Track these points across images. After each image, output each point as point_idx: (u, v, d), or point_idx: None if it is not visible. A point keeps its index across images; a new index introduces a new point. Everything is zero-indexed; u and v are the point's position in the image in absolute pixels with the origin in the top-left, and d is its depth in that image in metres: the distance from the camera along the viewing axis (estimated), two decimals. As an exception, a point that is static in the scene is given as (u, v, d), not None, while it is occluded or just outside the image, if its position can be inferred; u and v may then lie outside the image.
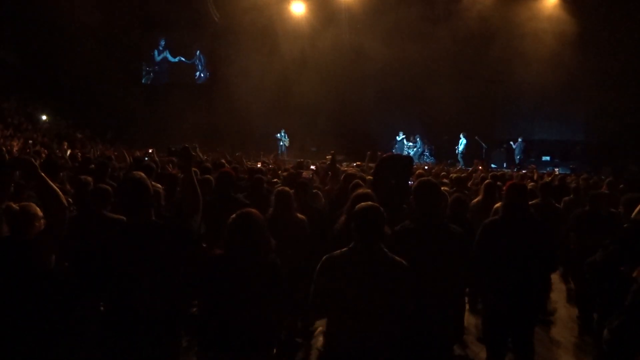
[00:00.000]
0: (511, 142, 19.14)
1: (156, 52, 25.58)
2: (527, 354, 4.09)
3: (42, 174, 2.93)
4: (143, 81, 25.61)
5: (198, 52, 25.15)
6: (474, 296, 6.02)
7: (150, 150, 12.62)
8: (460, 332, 5.29)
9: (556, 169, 14.59)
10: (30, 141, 16.53)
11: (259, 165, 10.26)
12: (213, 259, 3.07)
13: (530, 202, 4.68)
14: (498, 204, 5.36)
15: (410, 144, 20.35)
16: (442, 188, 5.72)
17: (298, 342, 4.94)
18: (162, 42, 25.37)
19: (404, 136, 20.45)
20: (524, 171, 12.82)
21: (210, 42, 23.54)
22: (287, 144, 21.01)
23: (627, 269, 2.69)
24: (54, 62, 21.68)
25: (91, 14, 18.92)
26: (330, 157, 8.07)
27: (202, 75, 25.38)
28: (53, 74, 22.13)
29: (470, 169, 12.74)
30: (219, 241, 3.15)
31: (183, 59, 25.34)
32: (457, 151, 19.45)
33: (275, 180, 7.68)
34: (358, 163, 12.76)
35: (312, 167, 9.83)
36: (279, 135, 20.96)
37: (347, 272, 2.87)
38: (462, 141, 19.33)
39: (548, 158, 19.38)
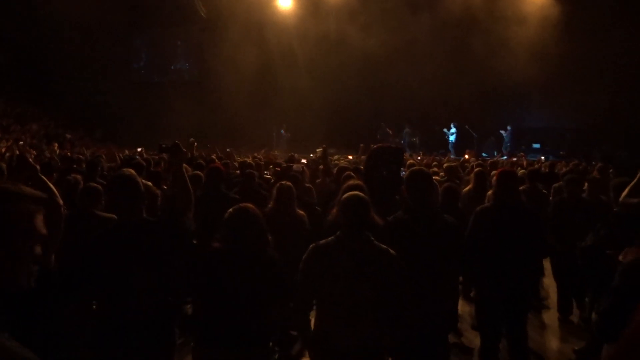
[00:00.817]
0: (501, 131, 19.21)
1: (143, 49, 25.40)
2: (521, 340, 4.12)
3: (41, 175, 2.98)
4: (132, 79, 25.43)
5: (185, 48, 25.01)
6: (467, 284, 6.05)
7: (139, 149, 12.56)
8: (454, 321, 5.32)
9: (542, 157, 14.67)
10: (21, 142, 16.39)
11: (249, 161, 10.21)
12: (210, 252, 3.06)
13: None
14: (490, 192, 5.38)
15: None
16: (434, 178, 5.74)
17: (293, 335, 4.94)
18: (149, 38, 25.18)
19: (387, 128, 20.34)
20: (514, 159, 12.90)
21: (197, 38, 23.42)
22: (289, 136, 21.09)
23: (613, 252, 2.72)
24: (42, 61, 21.50)
25: (78, 12, 18.74)
26: (321, 150, 8.06)
27: (189, 71, 25.24)
28: (41, 74, 21.95)
29: (462, 158, 12.80)
30: (210, 237, 3.14)
31: (171, 55, 25.18)
32: (446, 136, 19.50)
33: (268, 176, 7.66)
34: (350, 157, 12.76)
35: (303, 160, 9.82)
36: (282, 131, 21.01)
37: (333, 260, 2.88)
38: (453, 131, 19.38)
39: (538, 145, 19.47)
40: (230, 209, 3.03)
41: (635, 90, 16.47)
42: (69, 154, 11.55)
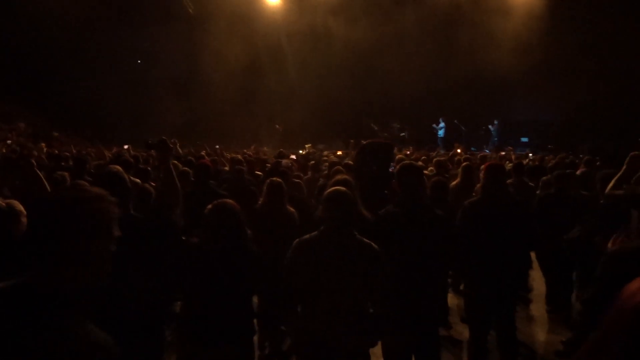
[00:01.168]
0: (489, 126, 19.30)
1: (132, 46, 25.17)
2: (509, 332, 4.16)
3: (38, 172, 3.00)
4: (120, 76, 25.21)
5: (173, 44, 24.82)
6: (457, 277, 6.09)
7: (125, 147, 12.49)
8: (444, 314, 5.35)
9: (530, 154, 14.79)
10: (9, 141, 16.18)
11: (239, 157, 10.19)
12: (189, 247, 3.09)
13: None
14: (479, 185, 5.40)
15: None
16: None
17: (284, 330, 4.95)
18: (138, 36, 24.96)
19: (372, 124, 20.33)
20: (502, 153, 12.98)
21: (185, 34, 23.26)
22: (282, 128, 21.17)
23: (601, 240, 2.75)
24: (29, 60, 21.26)
25: (65, 10, 18.55)
26: (309, 145, 8.07)
27: (178, 68, 25.07)
28: (28, 72, 21.71)
29: (451, 152, 12.86)
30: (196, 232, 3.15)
31: (159, 52, 24.99)
32: (435, 131, 19.55)
33: (258, 173, 7.64)
34: (339, 152, 12.77)
35: (293, 156, 9.83)
36: (277, 126, 21.06)
37: (317, 255, 2.91)
38: (442, 125, 19.44)
39: (526, 139, 19.59)
40: (209, 205, 3.04)
41: (620, 82, 16.61)
42: (56, 151, 11.45)
